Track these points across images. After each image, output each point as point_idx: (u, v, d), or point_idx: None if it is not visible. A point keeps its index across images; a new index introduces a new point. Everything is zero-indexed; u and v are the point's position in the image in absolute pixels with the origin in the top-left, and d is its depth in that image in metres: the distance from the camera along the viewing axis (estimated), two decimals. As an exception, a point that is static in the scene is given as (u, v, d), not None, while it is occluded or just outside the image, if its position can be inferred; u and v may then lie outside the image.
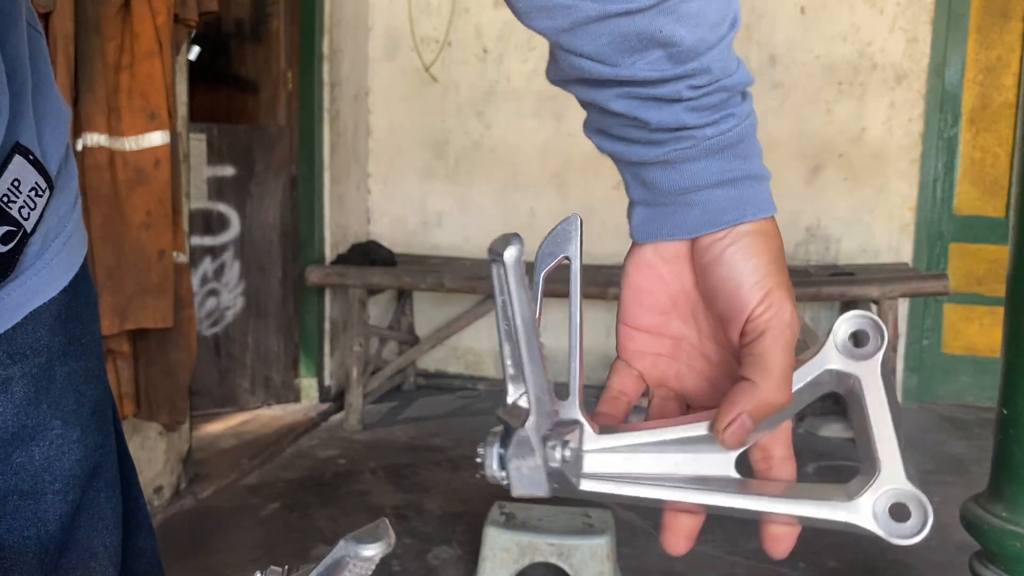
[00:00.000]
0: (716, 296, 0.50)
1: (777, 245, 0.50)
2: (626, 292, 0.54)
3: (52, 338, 0.54)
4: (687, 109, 0.49)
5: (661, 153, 0.50)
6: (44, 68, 0.55)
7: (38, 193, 0.51)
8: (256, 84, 3.82)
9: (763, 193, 0.51)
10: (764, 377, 0.47)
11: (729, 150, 0.50)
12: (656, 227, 0.52)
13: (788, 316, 0.48)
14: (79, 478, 0.57)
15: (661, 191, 0.51)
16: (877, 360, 0.48)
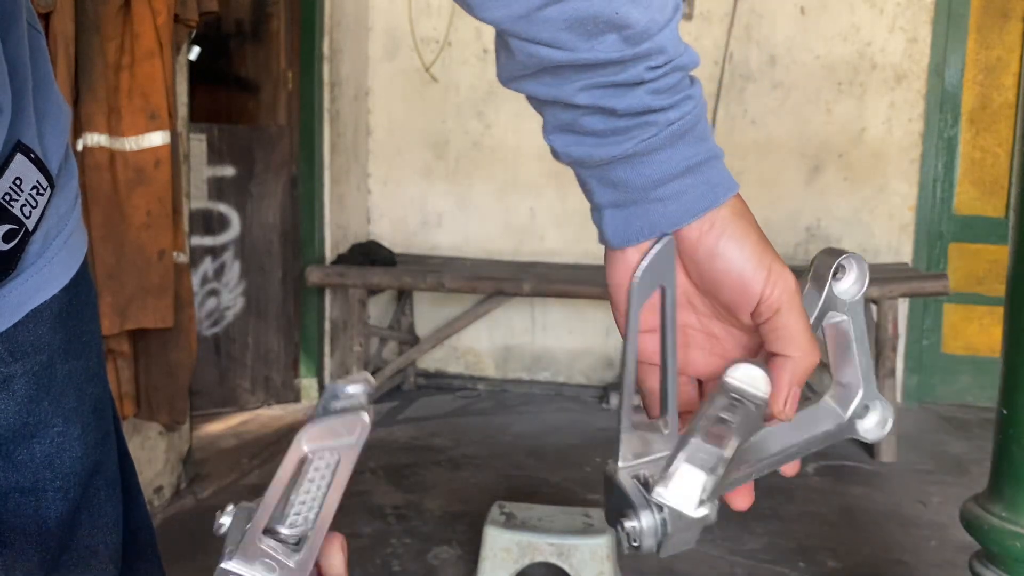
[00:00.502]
0: (719, 288, 0.51)
1: (752, 217, 0.52)
2: (613, 295, 0.54)
3: (53, 336, 0.55)
4: (650, 92, 0.49)
5: (629, 146, 0.50)
6: (44, 67, 0.55)
7: (39, 191, 0.51)
8: (256, 84, 3.83)
9: (724, 171, 0.52)
10: (795, 347, 0.50)
11: (690, 133, 0.51)
12: (633, 229, 0.52)
13: (792, 284, 0.51)
14: (80, 476, 0.57)
15: (631, 188, 0.51)
16: (863, 296, 0.53)
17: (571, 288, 3.58)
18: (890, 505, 3.02)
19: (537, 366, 4.35)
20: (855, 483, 3.20)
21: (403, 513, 2.85)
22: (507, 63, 0.52)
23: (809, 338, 0.50)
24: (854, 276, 0.54)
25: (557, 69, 0.49)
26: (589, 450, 3.45)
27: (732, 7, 4.10)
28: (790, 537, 2.71)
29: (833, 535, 2.75)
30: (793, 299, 0.50)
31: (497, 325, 4.35)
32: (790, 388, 0.50)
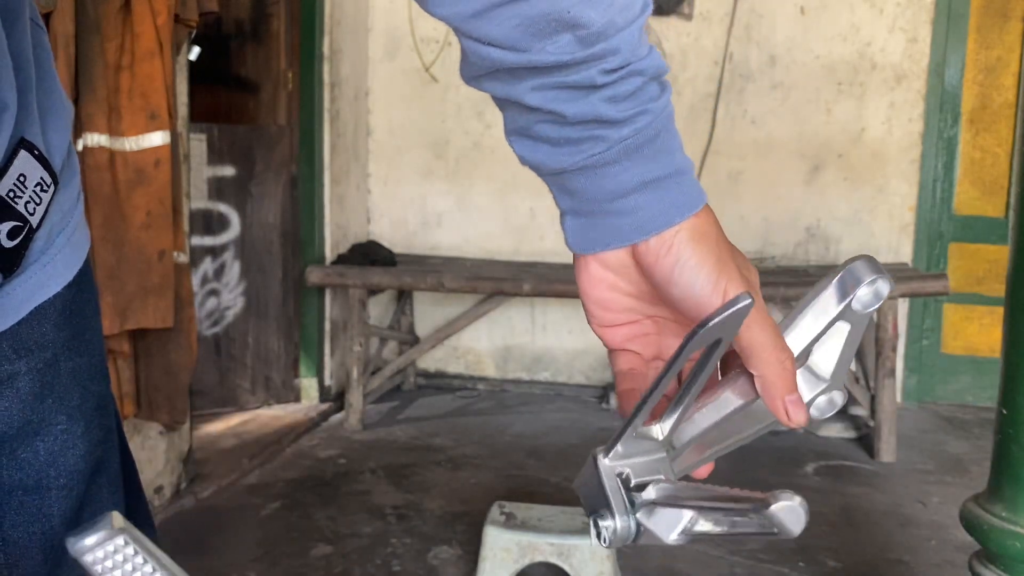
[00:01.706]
0: (679, 308, 0.51)
1: (714, 235, 0.51)
2: (587, 303, 0.54)
3: (57, 333, 0.55)
4: (604, 100, 0.48)
5: (580, 159, 0.49)
6: (47, 63, 0.55)
7: (43, 188, 0.52)
8: (256, 84, 3.82)
9: (688, 188, 0.50)
10: (763, 363, 0.49)
11: (648, 146, 0.49)
12: (591, 237, 0.52)
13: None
14: (83, 473, 0.57)
15: (588, 198, 0.51)
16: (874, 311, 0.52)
17: (571, 288, 3.58)
18: (890, 505, 3.02)
19: (537, 366, 4.35)
20: (855, 483, 3.20)
21: (403, 513, 2.85)
22: (464, 64, 0.51)
23: (774, 349, 0.49)
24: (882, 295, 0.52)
25: (510, 70, 0.49)
26: (589, 450, 3.43)
27: (732, 7, 4.10)
28: (790, 537, 2.71)
29: (833, 535, 2.75)
30: (750, 318, 0.48)
31: (497, 325, 4.35)
32: (781, 401, 0.49)
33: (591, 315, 0.55)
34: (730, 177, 4.16)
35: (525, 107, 0.50)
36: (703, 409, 0.52)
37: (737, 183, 4.13)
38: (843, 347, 0.53)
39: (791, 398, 0.50)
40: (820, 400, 0.54)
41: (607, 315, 0.54)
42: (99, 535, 0.36)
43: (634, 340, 0.54)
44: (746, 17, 4.11)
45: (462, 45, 0.50)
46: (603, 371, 4.28)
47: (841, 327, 0.53)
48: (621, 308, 0.54)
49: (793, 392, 0.50)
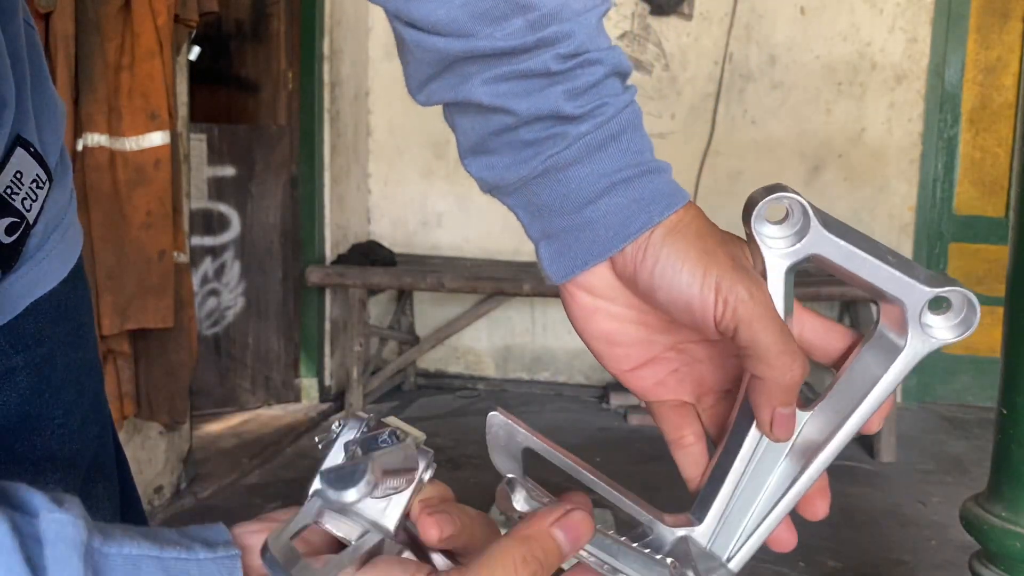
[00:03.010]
0: (673, 315, 0.46)
1: (695, 228, 0.46)
2: (591, 343, 0.49)
3: (54, 329, 0.55)
4: (562, 94, 0.45)
5: (539, 162, 0.46)
6: (39, 62, 0.55)
7: (39, 185, 0.52)
8: (256, 84, 3.82)
9: (664, 186, 0.46)
10: (765, 367, 0.43)
11: (612, 144, 0.46)
12: (568, 260, 0.47)
13: (745, 293, 0.43)
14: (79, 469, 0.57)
15: (555, 212, 0.47)
16: (816, 225, 0.45)
17: (571, 288, 3.58)
18: (890, 505, 3.02)
19: (537, 366, 4.35)
20: (855, 483, 3.20)
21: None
22: (411, 67, 0.48)
23: (779, 352, 0.43)
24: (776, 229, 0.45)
25: (457, 64, 0.46)
26: (589, 450, 3.44)
27: (732, 7, 4.10)
28: (790, 537, 2.71)
29: (833, 535, 2.75)
30: (750, 312, 0.43)
31: (497, 325, 4.35)
32: (771, 410, 0.44)
33: (601, 357, 0.49)
34: (730, 177, 4.16)
35: (477, 108, 0.47)
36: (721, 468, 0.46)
37: (737, 183, 4.13)
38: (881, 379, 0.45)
39: (784, 411, 0.44)
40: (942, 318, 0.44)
41: (618, 352, 0.49)
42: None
43: (666, 383, 0.49)
44: (746, 17, 4.11)
45: (405, 42, 0.47)
46: (603, 371, 4.28)
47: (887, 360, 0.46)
48: (631, 341, 0.48)
49: (789, 404, 0.44)
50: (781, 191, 0.44)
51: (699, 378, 0.50)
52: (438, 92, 0.48)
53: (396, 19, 0.47)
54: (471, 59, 0.45)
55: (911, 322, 0.44)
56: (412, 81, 0.49)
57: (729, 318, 0.43)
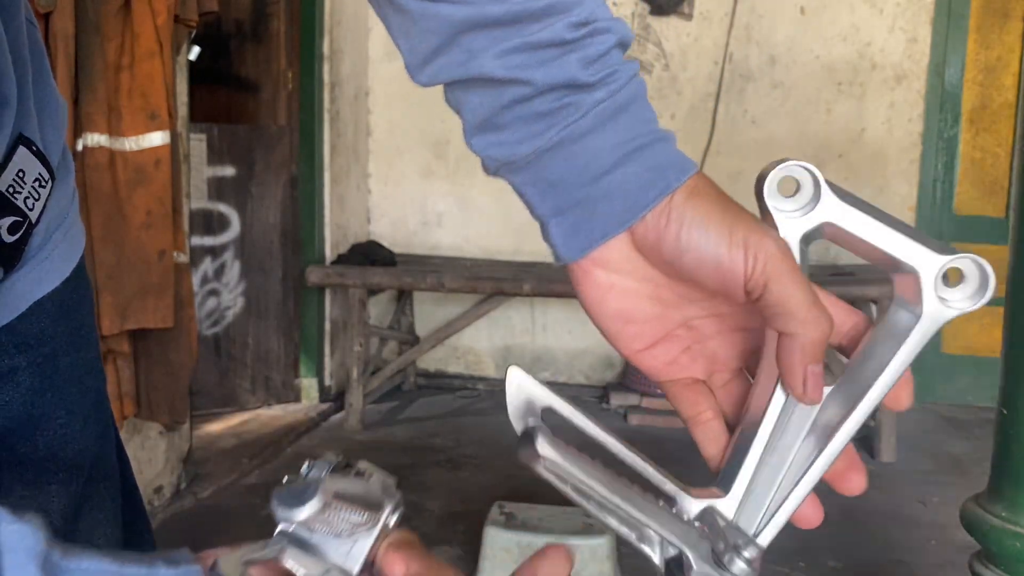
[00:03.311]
0: (701, 281, 0.45)
1: (716, 191, 0.46)
2: (604, 323, 0.48)
3: (56, 328, 0.55)
4: (578, 62, 0.44)
5: (553, 134, 0.45)
6: (41, 60, 0.55)
7: (41, 184, 0.52)
8: (256, 84, 3.82)
9: (674, 153, 0.46)
10: (795, 322, 0.43)
11: (623, 114, 0.46)
12: (584, 235, 0.46)
13: (775, 249, 0.43)
14: (81, 469, 0.57)
15: (570, 185, 0.46)
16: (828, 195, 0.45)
17: (571, 288, 3.54)
18: (890, 505, 3.02)
19: (537, 366, 4.35)
20: (855, 483, 3.20)
21: (403, 513, 2.85)
22: (413, 41, 0.47)
23: (809, 306, 0.43)
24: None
25: (464, 34, 0.45)
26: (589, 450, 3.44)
27: (732, 7, 4.10)
28: (790, 537, 2.69)
29: (833, 535, 2.74)
30: (779, 267, 0.43)
31: (497, 325, 4.34)
32: (803, 368, 0.43)
33: (614, 336, 0.48)
34: (730, 177, 4.16)
35: (488, 82, 0.46)
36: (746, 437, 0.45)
37: (737, 183, 4.13)
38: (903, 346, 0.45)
39: (816, 368, 0.43)
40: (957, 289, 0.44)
41: (631, 330, 0.48)
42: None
43: (679, 362, 0.49)
44: (746, 17, 4.11)
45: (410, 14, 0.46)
46: (603, 371, 4.28)
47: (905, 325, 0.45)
48: (645, 318, 0.48)
49: (819, 361, 0.43)
50: (791, 161, 0.45)
51: (711, 355, 0.49)
52: (445, 70, 0.46)
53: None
54: (479, 29, 0.45)
55: (926, 290, 0.44)
56: (414, 58, 0.47)
57: (759, 273, 0.43)
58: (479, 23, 0.44)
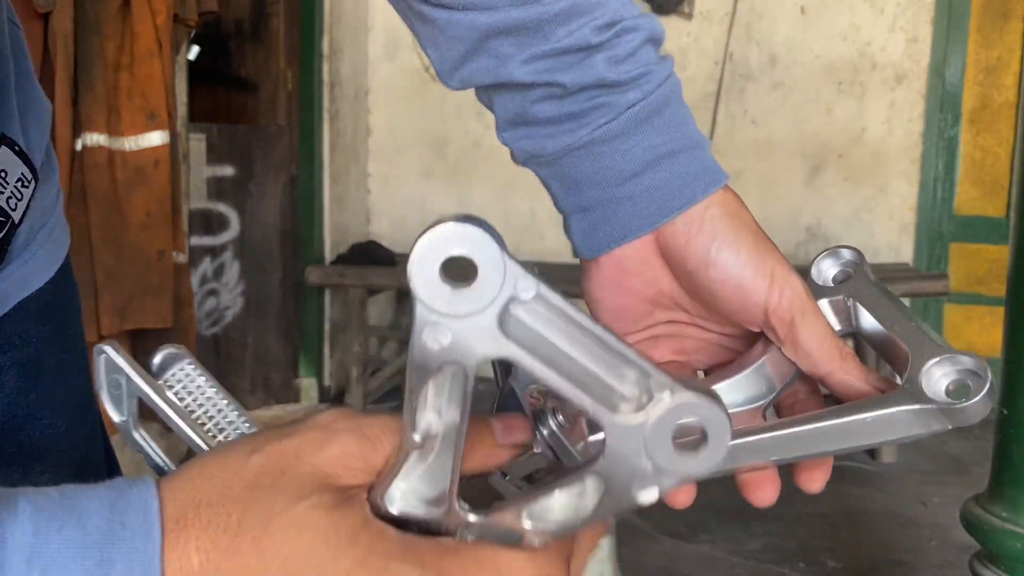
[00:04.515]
0: (716, 299, 0.45)
1: (748, 215, 0.46)
2: (599, 314, 0.48)
3: (40, 328, 0.55)
4: (604, 61, 0.44)
5: (584, 134, 0.45)
6: (24, 60, 0.55)
7: (24, 184, 0.51)
8: (256, 84, 3.82)
9: (708, 162, 0.46)
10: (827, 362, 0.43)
11: (657, 117, 0.45)
12: (604, 235, 0.46)
13: (800, 288, 0.44)
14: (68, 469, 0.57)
15: (595, 185, 0.46)
16: (863, 275, 0.45)
17: (571, 288, 3.55)
18: (890, 505, 3.01)
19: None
20: (855, 483, 3.20)
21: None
22: (441, 51, 0.47)
23: (835, 345, 0.43)
24: (829, 261, 0.47)
25: (490, 40, 0.45)
26: (589, 450, 3.44)
27: (732, 7, 4.09)
28: (791, 537, 2.71)
29: (833, 535, 2.74)
30: (805, 306, 0.43)
31: (497, 325, 4.34)
32: (861, 389, 0.43)
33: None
34: (730, 177, 4.16)
35: (518, 87, 0.46)
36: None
37: (737, 183, 4.07)
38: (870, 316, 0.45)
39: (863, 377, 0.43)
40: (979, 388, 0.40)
41: (617, 326, 0.48)
42: (166, 352, 0.39)
43: (641, 343, 0.49)
44: (746, 17, 4.11)
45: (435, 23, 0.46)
46: (603, 371, 4.28)
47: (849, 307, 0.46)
48: (635, 316, 0.48)
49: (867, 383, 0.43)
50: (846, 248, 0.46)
51: (676, 348, 0.49)
52: (475, 75, 0.47)
53: (423, 2, 0.46)
54: (504, 34, 0.44)
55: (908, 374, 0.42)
56: (444, 65, 0.48)
57: (786, 308, 0.43)
58: (503, 29, 0.44)
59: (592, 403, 0.31)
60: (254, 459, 0.33)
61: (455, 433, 0.32)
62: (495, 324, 0.31)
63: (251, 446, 0.34)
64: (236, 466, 0.33)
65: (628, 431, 0.31)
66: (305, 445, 0.34)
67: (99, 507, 0.30)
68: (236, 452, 0.34)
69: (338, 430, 0.34)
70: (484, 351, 0.31)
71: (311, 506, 0.31)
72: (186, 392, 0.42)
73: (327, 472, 0.33)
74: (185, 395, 0.42)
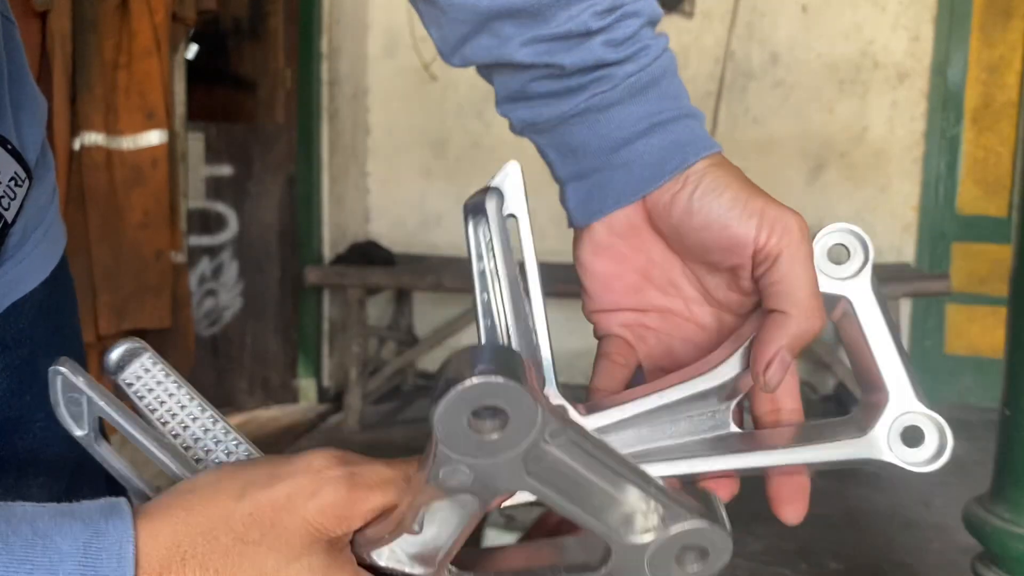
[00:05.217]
0: (706, 249, 0.45)
1: (735, 169, 0.45)
2: (589, 282, 0.48)
3: (34, 329, 0.54)
4: (602, 44, 0.44)
5: (581, 101, 0.46)
6: (19, 57, 0.54)
7: (17, 183, 0.51)
8: (254, 83, 3.82)
9: (701, 132, 0.46)
10: (792, 304, 0.42)
11: (653, 88, 0.46)
12: (597, 201, 0.47)
13: (795, 228, 0.44)
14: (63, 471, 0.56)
15: (590, 152, 0.46)
16: (866, 277, 0.44)
17: (571, 288, 3.55)
18: (892, 506, 3.01)
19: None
20: (857, 484, 3.19)
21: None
22: (444, 30, 0.48)
23: (813, 295, 0.42)
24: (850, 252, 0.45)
25: (491, 22, 0.45)
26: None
27: (733, 5, 4.08)
28: (792, 539, 2.70)
29: (835, 537, 2.73)
30: (798, 244, 0.43)
31: (497, 325, 4.33)
32: (777, 351, 0.41)
33: (589, 295, 0.49)
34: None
35: (517, 67, 0.46)
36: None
37: (738, 182, 4.12)
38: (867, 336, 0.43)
39: (786, 356, 0.42)
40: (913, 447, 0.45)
41: (607, 296, 0.48)
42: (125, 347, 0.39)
43: (631, 327, 0.49)
44: (748, 15, 4.10)
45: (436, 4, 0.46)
46: (604, 371, 4.28)
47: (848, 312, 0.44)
48: (624, 289, 0.48)
49: (795, 351, 0.42)
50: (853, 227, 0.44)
51: (665, 349, 0.48)
52: (475, 54, 0.47)
53: None
54: (507, 16, 0.45)
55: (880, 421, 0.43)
56: (445, 45, 0.48)
57: (773, 244, 0.43)
58: (505, 12, 0.45)
59: (605, 527, 0.32)
60: (243, 506, 0.32)
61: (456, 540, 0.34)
62: (520, 465, 0.31)
63: (239, 488, 0.33)
64: (223, 511, 0.32)
65: (635, 549, 0.33)
66: (295, 494, 0.33)
67: (72, 548, 0.29)
68: (223, 494, 0.33)
69: (329, 479, 0.34)
70: (504, 487, 0.32)
71: (302, 569, 0.31)
72: (146, 389, 0.41)
73: (316, 526, 0.33)
74: (145, 392, 0.41)
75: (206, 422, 0.41)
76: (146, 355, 0.41)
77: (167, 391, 0.41)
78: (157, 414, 0.41)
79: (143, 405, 0.41)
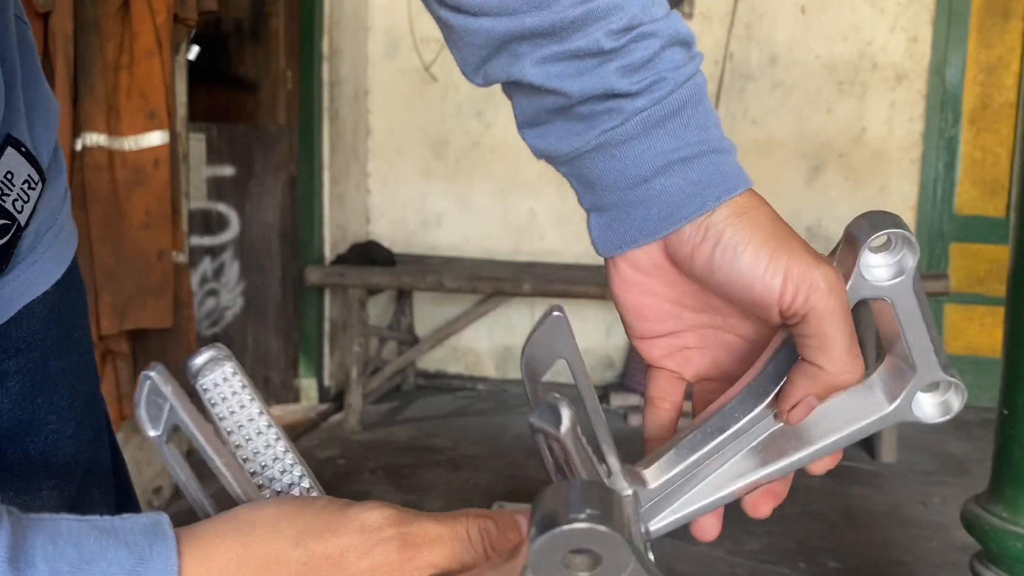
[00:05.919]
0: (730, 296, 0.44)
1: (767, 215, 0.44)
2: (624, 312, 0.48)
3: (46, 332, 0.54)
4: (617, 71, 0.43)
5: (593, 137, 0.45)
6: (32, 59, 0.54)
7: (31, 186, 0.51)
8: (255, 84, 3.82)
9: (727, 168, 0.45)
10: (826, 360, 0.42)
11: (673, 120, 0.44)
12: (616, 235, 0.46)
13: (823, 284, 0.42)
14: (74, 473, 0.56)
15: (607, 187, 0.46)
16: (910, 278, 0.44)
17: (571, 288, 3.58)
18: (891, 506, 3.01)
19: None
20: (856, 483, 3.19)
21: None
22: (464, 53, 0.47)
23: (847, 351, 0.42)
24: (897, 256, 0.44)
25: (508, 44, 0.45)
26: (589, 450, 3.44)
27: (732, 6, 4.09)
28: (791, 538, 2.71)
29: (834, 536, 2.74)
30: (826, 302, 0.42)
31: (497, 325, 4.34)
32: (804, 396, 0.43)
33: (627, 325, 0.49)
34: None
35: (529, 88, 0.46)
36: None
37: (737, 183, 4.13)
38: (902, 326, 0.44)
39: (812, 400, 0.43)
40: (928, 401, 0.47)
41: (644, 325, 0.48)
42: (210, 354, 0.40)
43: (673, 356, 0.49)
44: (746, 16, 4.10)
45: (453, 29, 0.46)
46: (603, 371, 4.27)
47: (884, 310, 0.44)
48: (660, 316, 0.48)
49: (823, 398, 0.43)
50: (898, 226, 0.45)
51: (710, 362, 0.49)
52: (494, 72, 0.47)
53: (441, 6, 0.46)
54: (521, 38, 0.44)
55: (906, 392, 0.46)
56: (467, 66, 0.48)
57: (800, 305, 0.42)
58: (519, 35, 0.44)
59: None
60: (298, 554, 0.34)
61: None
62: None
63: (295, 534, 0.34)
64: (278, 556, 0.33)
65: None
66: (349, 551, 0.35)
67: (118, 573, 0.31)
68: (281, 537, 0.34)
69: (382, 539, 0.36)
70: None
71: None
72: (220, 398, 0.42)
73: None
74: (219, 400, 0.42)
75: (270, 438, 0.43)
76: (228, 364, 0.42)
77: (240, 402, 0.42)
78: (225, 423, 0.42)
79: (214, 412, 0.42)
